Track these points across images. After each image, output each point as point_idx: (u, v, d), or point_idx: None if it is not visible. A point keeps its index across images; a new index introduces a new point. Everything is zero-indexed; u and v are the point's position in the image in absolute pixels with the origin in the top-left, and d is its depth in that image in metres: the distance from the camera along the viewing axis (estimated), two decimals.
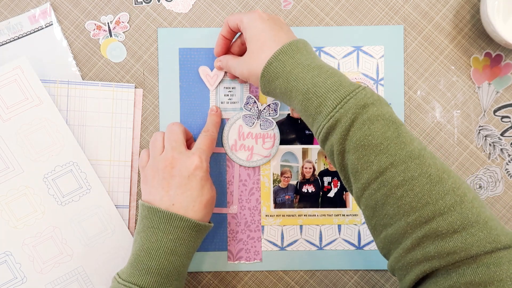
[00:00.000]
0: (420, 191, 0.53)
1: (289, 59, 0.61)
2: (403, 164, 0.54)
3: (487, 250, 0.49)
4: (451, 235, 0.51)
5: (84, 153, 0.74)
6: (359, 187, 0.57)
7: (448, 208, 0.51)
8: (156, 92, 0.77)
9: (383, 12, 0.77)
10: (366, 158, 0.55)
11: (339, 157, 0.58)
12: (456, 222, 0.51)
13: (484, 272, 0.49)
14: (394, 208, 0.54)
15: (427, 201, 0.52)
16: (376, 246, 0.58)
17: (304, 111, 0.61)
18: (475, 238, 0.50)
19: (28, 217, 0.74)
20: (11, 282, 0.73)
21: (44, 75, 0.75)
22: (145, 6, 0.77)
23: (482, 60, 0.77)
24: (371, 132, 0.55)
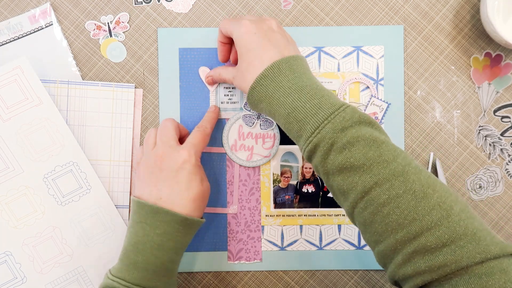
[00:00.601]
0: (406, 208, 0.53)
1: (271, 82, 0.62)
2: (387, 182, 0.54)
3: (477, 261, 0.50)
4: (440, 249, 0.51)
5: (84, 153, 0.74)
6: (348, 205, 0.58)
7: (435, 223, 0.52)
8: (156, 92, 0.77)
9: (383, 12, 0.77)
10: (351, 179, 0.56)
11: (325, 178, 0.60)
12: (444, 236, 0.51)
13: (476, 283, 0.49)
14: (382, 226, 0.55)
15: (414, 217, 0.53)
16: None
17: (288, 133, 0.62)
18: (465, 250, 0.50)
19: (28, 217, 0.74)
20: (11, 282, 0.73)
21: (44, 75, 0.75)
22: (145, 6, 0.77)
23: (482, 60, 0.77)
24: (352, 155, 0.56)
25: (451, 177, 0.77)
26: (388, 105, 0.76)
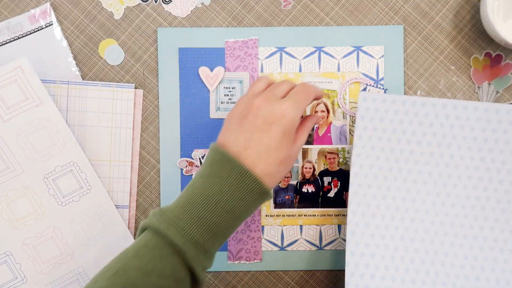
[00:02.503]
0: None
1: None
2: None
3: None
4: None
5: (84, 153, 0.74)
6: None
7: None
8: (156, 92, 0.77)
9: (383, 12, 0.77)
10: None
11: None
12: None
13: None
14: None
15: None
16: None
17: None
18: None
19: (28, 217, 0.74)
20: (11, 282, 0.73)
21: (44, 75, 0.75)
22: (145, 6, 0.77)
23: (482, 60, 0.77)
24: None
25: None
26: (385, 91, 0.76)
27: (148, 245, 0.58)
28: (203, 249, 0.59)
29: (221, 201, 0.59)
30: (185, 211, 0.59)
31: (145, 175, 0.77)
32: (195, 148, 0.77)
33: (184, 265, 0.58)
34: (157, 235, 0.58)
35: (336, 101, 0.77)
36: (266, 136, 0.61)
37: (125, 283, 0.56)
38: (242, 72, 0.77)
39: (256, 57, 0.77)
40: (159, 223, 0.58)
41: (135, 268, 0.56)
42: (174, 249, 0.58)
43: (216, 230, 0.59)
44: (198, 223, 0.58)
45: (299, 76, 0.76)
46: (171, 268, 0.57)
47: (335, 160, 0.77)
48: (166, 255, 0.57)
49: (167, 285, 0.57)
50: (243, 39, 0.77)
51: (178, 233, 0.58)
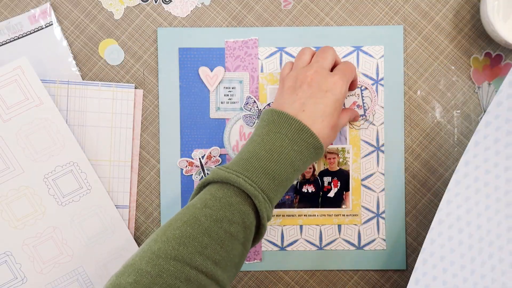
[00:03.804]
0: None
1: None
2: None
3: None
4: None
5: (84, 153, 0.74)
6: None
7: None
8: (156, 92, 0.77)
9: (383, 12, 0.77)
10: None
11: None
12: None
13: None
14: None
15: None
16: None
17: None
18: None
19: (28, 217, 0.74)
20: (12, 282, 0.73)
21: (44, 75, 0.75)
22: (145, 6, 0.77)
23: (482, 60, 0.77)
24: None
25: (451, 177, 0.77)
26: None
27: (216, 196, 0.61)
28: (269, 198, 0.62)
29: (283, 153, 0.63)
30: (250, 164, 0.62)
31: (145, 175, 0.77)
32: (195, 148, 0.77)
33: (252, 211, 0.61)
34: (224, 186, 0.61)
35: None
36: (320, 102, 0.65)
37: (198, 230, 0.58)
38: (242, 72, 0.77)
39: (256, 57, 0.77)
40: (228, 174, 0.61)
41: (206, 216, 0.59)
42: (242, 197, 0.61)
43: (279, 180, 0.63)
44: (264, 173, 0.62)
45: None
46: (240, 215, 0.60)
47: (335, 160, 0.77)
48: (234, 203, 0.60)
49: (237, 231, 0.60)
50: (243, 39, 0.77)
51: (247, 182, 0.60)
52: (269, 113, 0.66)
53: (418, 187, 0.77)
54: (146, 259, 0.55)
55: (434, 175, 0.77)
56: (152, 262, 0.55)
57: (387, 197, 0.77)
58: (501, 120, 0.63)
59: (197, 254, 0.57)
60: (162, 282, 0.54)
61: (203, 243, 0.57)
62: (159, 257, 0.55)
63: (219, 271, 0.58)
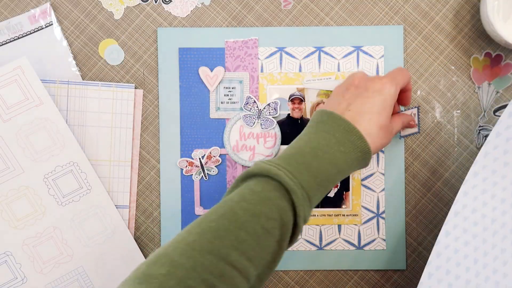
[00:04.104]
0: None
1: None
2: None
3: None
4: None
5: (84, 153, 0.74)
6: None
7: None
8: (156, 92, 0.77)
9: (383, 12, 0.77)
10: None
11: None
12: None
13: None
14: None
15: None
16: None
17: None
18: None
19: (28, 217, 0.74)
20: (12, 282, 0.73)
21: (44, 75, 0.75)
22: (145, 6, 0.77)
23: (482, 60, 0.77)
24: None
25: (451, 177, 0.77)
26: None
27: (254, 190, 0.58)
28: (308, 196, 0.59)
29: (328, 152, 0.61)
30: (293, 159, 0.60)
31: (145, 175, 0.77)
32: (195, 148, 0.77)
33: (290, 209, 0.59)
34: (263, 180, 0.59)
35: None
36: (367, 101, 0.64)
37: (235, 224, 0.56)
38: (242, 72, 0.77)
39: (256, 57, 0.77)
40: (269, 166, 0.59)
41: (243, 210, 0.57)
42: (281, 193, 0.58)
43: (321, 179, 0.60)
44: (306, 169, 0.60)
45: (299, 76, 0.76)
46: (278, 211, 0.58)
47: None
48: (273, 198, 0.58)
49: (273, 228, 0.57)
50: (243, 39, 0.77)
51: (287, 176, 0.58)
52: (318, 114, 0.65)
53: (418, 187, 0.77)
54: (180, 251, 0.53)
55: (434, 175, 0.77)
56: (186, 254, 0.53)
57: (387, 197, 0.77)
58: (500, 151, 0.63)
59: (233, 249, 0.54)
60: (197, 277, 0.51)
61: (239, 238, 0.55)
62: (194, 250, 0.53)
63: (252, 268, 0.55)
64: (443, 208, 0.77)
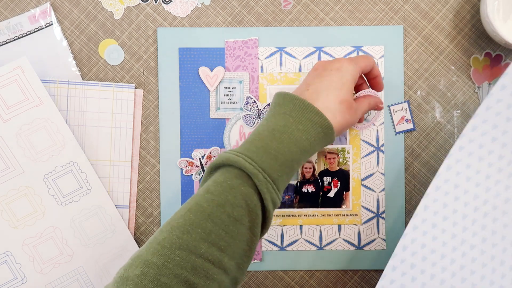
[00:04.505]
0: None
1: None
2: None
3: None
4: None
5: (84, 153, 0.74)
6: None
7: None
8: (156, 92, 0.77)
9: (383, 12, 0.77)
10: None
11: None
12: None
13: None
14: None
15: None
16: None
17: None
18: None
19: (28, 217, 0.74)
20: (12, 282, 0.73)
21: (44, 75, 0.75)
22: (145, 6, 0.77)
23: (482, 60, 0.77)
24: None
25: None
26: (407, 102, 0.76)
27: (217, 180, 0.59)
28: (271, 178, 0.59)
29: (286, 132, 0.61)
30: (252, 144, 0.61)
31: (145, 175, 0.77)
32: (195, 148, 0.77)
33: (254, 193, 0.59)
34: (226, 170, 0.60)
35: None
36: (325, 79, 0.65)
37: (201, 216, 0.57)
38: (242, 72, 0.77)
39: (256, 57, 0.77)
40: (228, 154, 0.60)
41: (208, 202, 0.58)
42: (243, 179, 0.59)
43: (282, 159, 0.60)
44: (265, 152, 0.60)
45: (299, 76, 0.76)
46: (242, 197, 0.58)
47: (335, 160, 0.77)
48: (236, 185, 0.58)
49: (240, 215, 0.58)
50: (243, 39, 0.77)
51: (246, 161, 0.59)
52: (275, 97, 0.66)
53: (418, 187, 0.77)
54: (152, 250, 0.55)
55: (434, 175, 0.77)
56: (157, 253, 0.54)
57: (387, 197, 0.77)
58: (489, 124, 0.63)
59: (202, 241, 0.55)
60: (169, 273, 0.53)
61: (206, 229, 0.56)
62: (164, 247, 0.55)
63: (226, 258, 0.56)
64: None
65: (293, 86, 0.77)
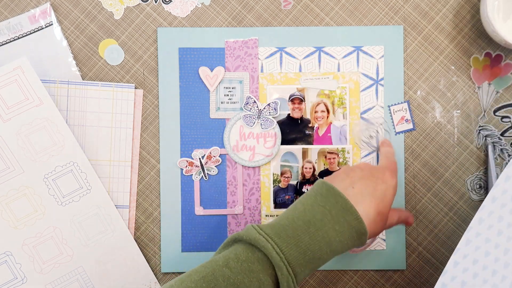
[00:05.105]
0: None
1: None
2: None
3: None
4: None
5: (84, 153, 0.74)
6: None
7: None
8: (156, 92, 0.77)
9: (383, 12, 0.77)
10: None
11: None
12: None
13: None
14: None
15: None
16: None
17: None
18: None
19: (28, 217, 0.74)
20: (11, 282, 0.73)
21: (44, 75, 0.75)
22: (145, 6, 0.77)
23: (482, 60, 0.77)
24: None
25: (451, 177, 0.77)
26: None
27: (239, 257, 0.58)
28: (294, 272, 0.58)
29: (321, 230, 0.60)
30: (284, 231, 0.59)
31: (145, 175, 0.77)
32: (195, 148, 0.77)
33: (271, 283, 0.58)
34: (250, 249, 0.59)
35: (336, 101, 0.77)
36: (370, 184, 0.64)
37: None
38: (242, 72, 0.77)
39: (256, 57, 0.77)
40: (258, 236, 0.58)
41: (224, 277, 0.57)
42: (265, 266, 0.58)
43: (310, 256, 0.59)
44: (295, 244, 0.58)
45: (299, 76, 0.76)
46: (258, 284, 0.57)
47: (335, 160, 0.77)
48: (255, 270, 0.57)
49: None
50: (243, 39, 0.77)
51: (275, 249, 0.57)
52: (318, 185, 0.64)
53: (418, 187, 0.77)
54: None
55: (434, 175, 0.77)
56: None
57: None
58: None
59: None
60: None
61: None
62: None
63: None
64: (443, 208, 0.77)
65: (292, 86, 0.76)
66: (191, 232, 0.77)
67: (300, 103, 0.77)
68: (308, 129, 0.77)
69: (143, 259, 0.76)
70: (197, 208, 0.77)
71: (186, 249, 0.77)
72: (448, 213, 0.77)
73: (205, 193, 0.77)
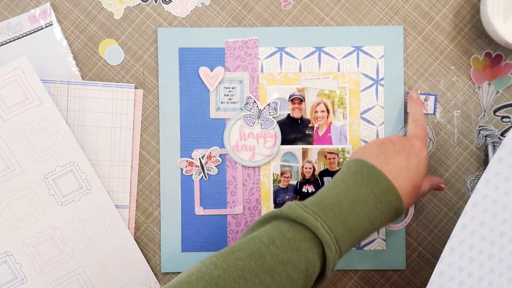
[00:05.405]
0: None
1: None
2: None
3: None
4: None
5: (84, 153, 0.74)
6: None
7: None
8: (156, 92, 0.77)
9: (383, 12, 0.77)
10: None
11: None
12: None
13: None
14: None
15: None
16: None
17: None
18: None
19: (28, 217, 0.74)
20: (11, 282, 0.73)
21: (44, 75, 0.75)
22: (145, 6, 0.77)
23: (482, 60, 0.77)
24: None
25: (451, 177, 0.77)
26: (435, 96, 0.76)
27: (285, 236, 0.58)
28: (340, 249, 0.59)
29: (366, 208, 0.61)
30: (331, 210, 0.60)
31: (145, 175, 0.77)
32: (195, 148, 0.77)
33: (318, 261, 0.59)
34: (295, 227, 0.59)
35: (336, 101, 0.77)
36: (404, 158, 0.65)
37: (262, 267, 0.56)
38: (242, 72, 0.77)
39: (256, 57, 0.77)
40: (306, 214, 0.59)
41: (272, 255, 0.57)
42: (312, 244, 0.58)
43: (355, 234, 0.61)
44: (342, 224, 0.60)
45: (299, 76, 0.76)
46: (305, 262, 0.58)
47: (335, 160, 0.77)
48: (303, 248, 0.58)
49: (298, 278, 0.57)
50: (243, 39, 0.77)
51: (324, 229, 0.58)
52: (357, 163, 0.64)
53: None
54: (204, 283, 0.54)
55: (434, 175, 0.77)
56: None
57: None
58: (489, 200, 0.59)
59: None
60: None
61: (264, 283, 0.55)
62: (218, 286, 0.54)
63: None
64: (443, 208, 0.77)
65: (292, 85, 0.77)
66: (191, 232, 0.77)
67: (300, 103, 0.77)
68: (308, 129, 0.77)
69: (143, 259, 0.76)
70: (197, 208, 0.77)
71: (186, 249, 0.77)
72: (448, 213, 0.77)
73: (205, 193, 0.77)
